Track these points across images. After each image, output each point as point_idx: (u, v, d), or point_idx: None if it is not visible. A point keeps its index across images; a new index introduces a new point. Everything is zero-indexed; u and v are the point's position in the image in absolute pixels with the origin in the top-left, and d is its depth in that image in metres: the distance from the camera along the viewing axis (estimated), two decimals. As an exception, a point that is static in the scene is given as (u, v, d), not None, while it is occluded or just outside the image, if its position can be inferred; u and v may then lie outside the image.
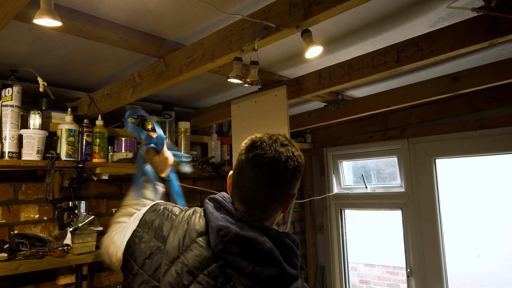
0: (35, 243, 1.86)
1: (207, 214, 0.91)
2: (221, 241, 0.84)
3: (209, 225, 0.88)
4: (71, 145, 1.93)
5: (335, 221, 3.47)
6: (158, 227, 0.96)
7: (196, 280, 0.83)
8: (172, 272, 0.86)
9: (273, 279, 0.83)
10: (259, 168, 0.92)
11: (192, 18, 1.44)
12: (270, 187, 0.92)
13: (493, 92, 2.53)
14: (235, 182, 0.96)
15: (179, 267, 0.85)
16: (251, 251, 0.84)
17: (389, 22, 1.57)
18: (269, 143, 0.97)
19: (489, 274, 3.25)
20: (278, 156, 0.93)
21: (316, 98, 2.42)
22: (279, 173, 0.92)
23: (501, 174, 3.06)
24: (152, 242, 0.94)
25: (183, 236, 0.89)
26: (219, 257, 0.84)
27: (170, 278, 0.85)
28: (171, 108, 2.45)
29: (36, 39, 1.53)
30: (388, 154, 3.17)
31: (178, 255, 0.87)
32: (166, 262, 0.88)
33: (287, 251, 0.88)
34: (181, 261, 0.86)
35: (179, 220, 0.95)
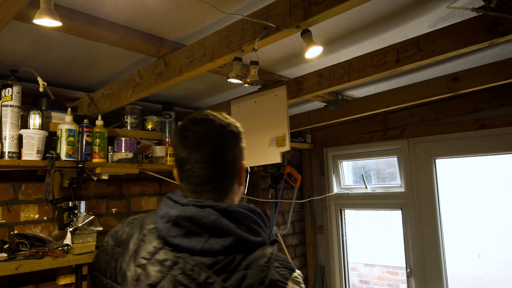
0: (35, 243, 1.86)
1: (156, 210, 0.91)
2: (166, 227, 0.84)
3: (156, 215, 0.90)
4: (71, 145, 1.93)
5: (335, 221, 3.47)
6: (119, 235, 0.97)
7: (145, 270, 0.83)
8: (131, 268, 0.86)
9: (231, 249, 0.80)
10: (191, 149, 0.89)
11: (192, 18, 1.44)
12: (209, 163, 0.88)
13: (493, 92, 2.53)
14: (179, 175, 0.94)
15: (133, 261, 0.86)
16: (196, 229, 0.82)
17: (389, 22, 1.57)
18: (193, 127, 0.92)
19: (489, 274, 3.25)
20: (206, 131, 0.90)
21: (316, 98, 2.42)
22: (211, 146, 0.88)
23: (501, 174, 3.06)
24: (114, 249, 0.95)
25: (138, 233, 0.90)
26: (169, 244, 0.83)
27: (129, 274, 0.86)
28: (171, 108, 2.45)
29: (36, 39, 1.53)
30: (388, 154, 3.17)
31: (134, 250, 0.87)
32: (126, 260, 0.89)
33: (242, 219, 0.85)
34: (135, 255, 0.87)
35: (136, 222, 0.96)
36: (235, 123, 0.96)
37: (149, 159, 2.30)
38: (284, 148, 1.98)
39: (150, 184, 2.50)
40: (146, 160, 2.28)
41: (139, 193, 2.45)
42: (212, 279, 0.78)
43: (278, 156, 2.00)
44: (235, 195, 0.96)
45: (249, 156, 2.17)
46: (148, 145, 2.33)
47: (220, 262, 0.79)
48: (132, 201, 2.41)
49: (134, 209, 2.42)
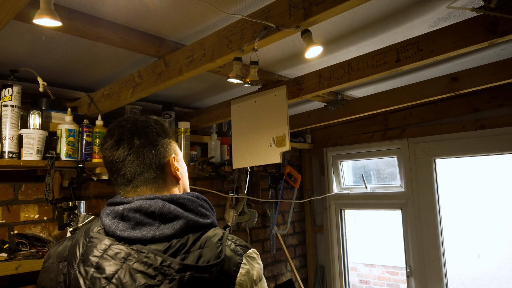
0: (35, 243, 1.86)
1: (100, 216, 0.91)
2: (113, 223, 0.85)
3: (101, 219, 0.89)
4: (71, 145, 1.93)
5: (335, 221, 3.47)
6: (61, 251, 0.94)
7: (98, 267, 0.82)
8: (81, 270, 0.84)
9: (182, 231, 0.83)
10: (111, 150, 0.92)
11: (192, 18, 1.44)
12: (135, 161, 0.91)
13: (493, 92, 2.53)
14: (111, 180, 0.96)
15: (82, 266, 0.84)
16: (145, 218, 0.84)
17: (389, 22, 1.57)
18: (111, 131, 0.95)
19: (489, 274, 3.25)
20: (121, 132, 0.93)
21: (316, 98, 2.42)
22: (128, 143, 0.91)
23: (501, 174, 3.06)
24: (59, 265, 0.91)
25: (84, 239, 0.88)
26: (119, 238, 0.84)
27: (81, 276, 0.83)
28: (171, 108, 2.45)
29: (36, 39, 1.53)
30: (388, 154, 3.17)
31: (82, 254, 0.86)
32: (74, 267, 0.85)
33: (188, 205, 0.87)
34: (82, 259, 0.85)
35: (78, 232, 0.94)
36: (157, 122, 0.98)
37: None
38: (284, 148, 1.98)
39: (150, 184, 2.50)
40: (146, 160, 2.28)
41: (139, 193, 2.45)
42: (169, 261, 0.79)
43: (278, 156, 2.00)
44: (175, 188, 0.97)
45: (249, 156, 2.17)
46: (148, 145, 2.32)
47: (174, 245, 0.81)
48: (132, 201, 2.41)
49: (134, 209, 2.41)
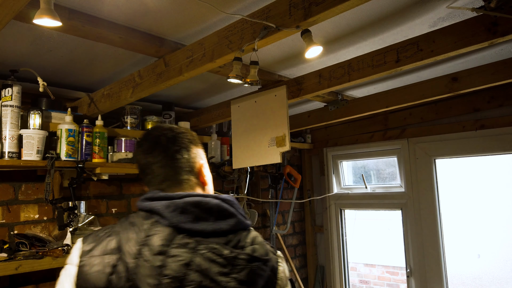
0: (35, 243, 1.86)
1: (146, 207, 0.93)
2: (174, 215, 0.89)
3: (155, 211, 0.91)
4: (71, 145, 1.93)
5: (335, 221, 3.47)
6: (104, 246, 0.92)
7: (168, 255, 0.85)
8: (141, 263, 0.85)
9: (235, 228, 0.92)
10: (147, 153, 1.01)
11: (192, 18, 1.44)
12: (169, 164, 0.99)
13: (493, 92, 2.53)
14: (145, 181, 1.02)
15: (147, 255, 0.85)
16: (202, 214, 0.90)
17: (389, 22, 1.57)
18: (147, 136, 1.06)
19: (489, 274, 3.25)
20: (160, 136, 1.02)
21: (316, 98, 2.42)
22: (163, 147, 1.00)
23: (501, 174, 3.06)
24: (105, 258, 0.89)
25: (136, 234, 0.89)
26: (180, 230, 0.88)
27: (143, 270, 0.84)
28: (171, 108, 2.45)
29: (36, 39, 1.53)
30: (388, 154, 3.17)
31: (139, 248, 0.86)
32: (129, 260, 0.86)
33: (234, 205, 0.96)
34: (146, 250, 0.86)
35: (118, 228, 0.93)
36: (188, 131, 1.09)
37: (149, 159, 2.30)
38: (284, 148, 1.98)
39: (150, 184, 2.50)
40: (146, 160, 2.28)
41: (139, 193, 2.45)
42: (235, 253, 0.87)
43: (278, 156, 2.00)
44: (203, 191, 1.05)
45: (249, 156, 2.17)
46: (148, 145, 2.32)
47: (232, 239, 0.90)
48: (132, 201, 2.41)
49: (134, 209, 2.42)
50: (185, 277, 0.84)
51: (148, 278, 0.84)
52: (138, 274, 0.85)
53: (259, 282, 0.88)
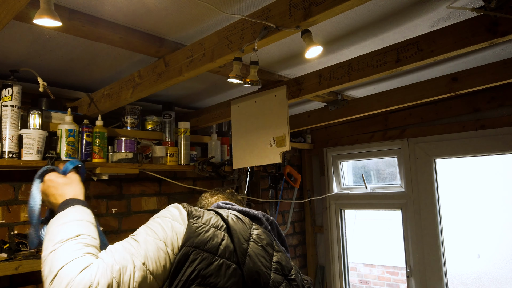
0: (35, 243, 1.86)
1: (238, 209, 1.22)
2: (267, 224, 1.24)
3: (252, 214, 1.21)
4: (71, 145, 1.93)
5: (335, 221, 3.47)
6: (209, 219, 1.08)
7: (274, 249, 1.14)
8: (255, 246, 1.08)
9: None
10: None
11: (192, 18, 1.44)
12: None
13: (493, 92, 2.53)
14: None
15: (260, 241, 1.10)
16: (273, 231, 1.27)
17: (389, 22, 1.57)
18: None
19: (489, 274, 3.25)
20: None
21: (316, 98, 2.42)
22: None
23: (501, 174, 3.06)
24: (215, 231, 1.04)
25: (242, 224, 1.11)
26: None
27: (258, 251, 1.07)
28: (171, 108, 2.45)
29: (36, 39, 1.53)
30: (388, 154, 3.17)
31: (249, 235, 1.09)
32: (242, 241, 1.06)
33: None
34: (257, 238, 1.10)
35: (220, 211, 1.13)
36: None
37: (149, 159, 2.30)
38: (284, 148, 1.98)
39: (150, 184, 2.50)
40: (146, 160, 2.28)
41: (139, 193, 2.45)
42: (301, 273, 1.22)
43: (278, 156, 2.00)
44: None
45: (249, 156, 2.17)
46: (148, 145, 2.33)
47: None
48: (132, 201, 2.41)
49: (134, 209, 2.42)
50: (291, 269, 1.12)
51: (262, 258, 1.06)
52: (251, 253, 1.05)
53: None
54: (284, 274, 1.09)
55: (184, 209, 1.05)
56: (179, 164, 2.43)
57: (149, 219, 1.05)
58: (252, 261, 1.03)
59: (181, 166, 2.43)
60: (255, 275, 1.02)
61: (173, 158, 2.38)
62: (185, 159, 2.45)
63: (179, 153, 2.44)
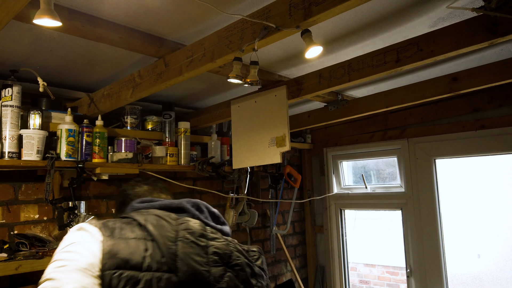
0: (35, 243, 1.86)
1: (157, 205, 1.05)
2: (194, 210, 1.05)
3: (174, 206, 1.04)
4: (71, 145, 1.93)
5: (335, 221, 3.47)
6: (124, 232, 0.94)
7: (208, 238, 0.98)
8: (184, 245, 0.94)
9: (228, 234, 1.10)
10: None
11: (192, 18, 1.44)
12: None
13: (493, 92, 2.53)
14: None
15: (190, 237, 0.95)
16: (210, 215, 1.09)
17: (389, 22, 1.57)
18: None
19: (489, 274, 3.25)
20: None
21: (316, 98, 2.42)
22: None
23: (501, 174, 3.06)
24: (135, 241, 0.92)
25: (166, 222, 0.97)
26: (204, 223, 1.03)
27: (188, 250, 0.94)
28: (171, 108, 2.45)
29: (36, 39, 1.53)
30: (388, 154, 3.17)
31: (176, 233, 0.95)
32: (169, 243, 0.93)
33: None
34: (186, 233, 0.96)
35: (137, 218, 0.99)
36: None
37: (149, 159, 2.30)
38: (284, 148, 1.98)
39: (150, 184, 2.50)
40: (146, 160, 2.28)
41: (139, 193, 2.45)
42: (245, 247, 1.04)
43: (278, 156, 2.00)
44: None
45: (249, 156, 2.17)
46: (148, 145, 2.33)
47: (233, 240, 1.04)
48: (132, 201, 2.41)
49: (134, 209, 2.41)
50: (232, 253, 0.98)
51: (196, 256, 0.93)
52: (181, 255, 0.92)
53: (267, 271, 1.08)
54: (225, 262, 0.96)
55: (93, 226, 0.93)
56: (179, 164, 2.42)
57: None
58: (185, 263, 0.91)
59: (181, 166, 2.43)
60: (192, 277, 0.91)
61: (173, 158, 2.38)
62: (185, 159, 2.45)
63: (179, 153, 2.44)
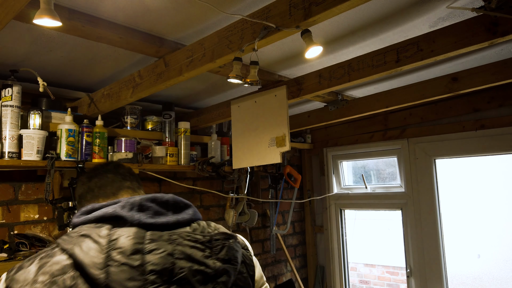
0: (35, 243, 1.86)
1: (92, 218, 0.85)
2: (133, 214, 0.83)
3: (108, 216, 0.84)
4: (71, 145, 1.93)
5: (335, 221, 3.47)
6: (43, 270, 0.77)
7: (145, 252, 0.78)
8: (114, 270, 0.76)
9: (194, 217, 0.92)
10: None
11: (192, 18, 1.44)
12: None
13: (493, 92, 2.53)
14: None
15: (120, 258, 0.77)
16: (160, 209, 0.88)
17: (389, 22, 1.57)
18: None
19: (489, 274, 3.25)
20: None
21: (316, 98, 2.42)
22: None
23: (501, 174, 3.06)
24: (56, 282, 0.75)
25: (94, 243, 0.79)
26: (145, 226, 0.83)
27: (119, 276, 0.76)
28: (171, 108, 2.45)
29: (36, 39, 1.53)
30: (388, 154, 3.17)
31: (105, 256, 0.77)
32: (96, 272, 0.75)
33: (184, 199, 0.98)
34: (116, 254, 0.77)
35: (59, 248, 0.81)
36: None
37: (149, 159, 2.30)
38: (284, 148, 1.98)
39: (150, 184, 2.50)
40: (146, 160, 2.28)
41: (139, 193, 2.45)
42: (208, 236, 0.87)
43: (278, 156, 2.00)
44: None
45: (249, 156, 2.17)
46: (148, 145, 2.33)
47: (197, 228, 0.89)
48: (132, 201, 2.41)
49: (134, 209, 2.41)
50: (174, 266, 0.79)
51: (129, 282, 0.75)
52: (112, 283, 0.75)
53: (238, 258, 0.88)
54: (165, 280, 0.78)
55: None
56: (179, 164, 2.43)
57: None
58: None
59: (181, 166, 2.43)
60: None
61: (173, 158, 2.38)
62: (185, 159, 2.45)
63: (179, 153, 2.44)
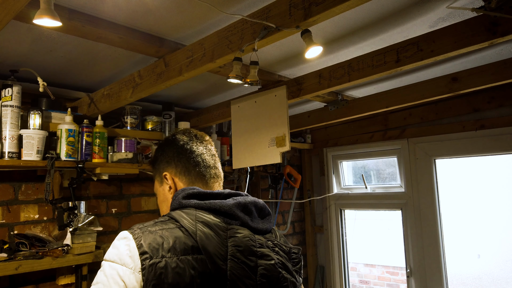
0: (35, 243, 1.86)
1: (206, 206, 0.91)
2: (243, 215, 0.93)
3: (224, 210, 0.91)
4: (71, 145, 1.93)
5: (335, 221, 3.47)
6: (177, 245, 0.84)
7: (258, 256, 0.88)
8: (234, 265, 0.85)
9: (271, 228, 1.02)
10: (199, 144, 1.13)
11: (192, 18, 1.44)
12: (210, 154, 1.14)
13: (493, 92, 2.53)
14: (190, 168, 1.08)
15: (239, 256, 0.86)
16: (256, 212, 0.97)
17: (389, 22, 1.57)
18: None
19: (489, 274, 3.25)
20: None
21: (316, 98, 2.42)
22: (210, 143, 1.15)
23: (501, 174, 3.06)
24: (181, 260, 0.82)
25: (216, 235, 0.86)
26: (252, 229, 0.93)
27: (238, 272, 0.85)
28: (171, 108, 2.45)
29: (36, 39, 1.53)
30: (388, 154, 3.17)
31: (225, 250, 0.85)
32: (220, 262, 0.83)
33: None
34: (236, 251, 0.86)
35: (184, 223, 0.87)
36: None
37: (149, 159, 2.30)
38: (284, 148, 1.98)
39: (150, 184, 2.50)
40: (146, 160, 2.28)
41: (139, 193, 2.45)
42: (288, 247, 0.96)
43: (278, 156, 2.00)
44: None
45: (249, 156, 2.17)
46: (148, 145, 2.33)
47: (271, 236, 0.96)
48: (132, 201, 2.41)
49: (134, 209, 2.42)
50: (279, 276, 0.88)
51: (246, 279, 0.84)
52: (231, 277, 0.83)
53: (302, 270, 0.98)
54: (272, 285, 0.87)
55: (129, 247, 0.82)
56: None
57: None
58: (235, 287, 0.83)
59: (181, 166, 2.42)
60: None
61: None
62: (185, 159, 2.45)
63: (179, 153, 2.43)
